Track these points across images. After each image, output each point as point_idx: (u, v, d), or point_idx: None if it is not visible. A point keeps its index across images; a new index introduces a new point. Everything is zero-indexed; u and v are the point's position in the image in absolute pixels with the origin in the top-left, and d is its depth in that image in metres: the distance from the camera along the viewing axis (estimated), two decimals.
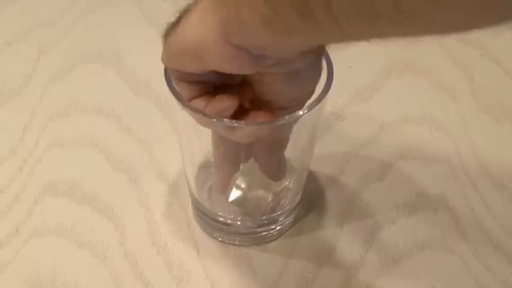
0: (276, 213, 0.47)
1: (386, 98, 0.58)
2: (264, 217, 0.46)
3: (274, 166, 0.45)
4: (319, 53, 0.39)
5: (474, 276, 0.46)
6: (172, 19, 0.38)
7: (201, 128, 0.41)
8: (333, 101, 0.54)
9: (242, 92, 0.40)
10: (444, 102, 0.58)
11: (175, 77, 0.40)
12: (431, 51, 0.61)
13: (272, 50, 0.35)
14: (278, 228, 0.48)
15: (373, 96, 0.58)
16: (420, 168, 0.53)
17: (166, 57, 0.39)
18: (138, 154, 0.53)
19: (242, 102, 0.40)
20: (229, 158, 0.44)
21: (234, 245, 0.47)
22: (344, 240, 0.48)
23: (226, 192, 0.47)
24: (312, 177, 0.51)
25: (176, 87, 0.40)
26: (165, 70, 0.40)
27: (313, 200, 0.50)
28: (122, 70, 0.59)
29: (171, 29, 0.38)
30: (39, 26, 0.63)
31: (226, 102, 0.39)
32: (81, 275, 0.46)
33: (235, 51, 0.35)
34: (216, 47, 0.35)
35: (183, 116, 0.41)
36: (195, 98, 0.40)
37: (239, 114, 0.39)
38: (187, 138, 0.45)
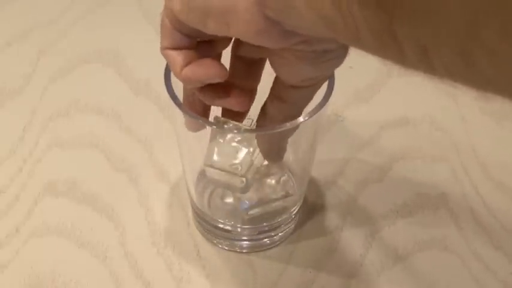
0: (277, 220, 0.46)
1: (386, 98, 0.58)
2: (265, 224, 0.46)
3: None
4: None
5: (474, 276, 0.46)
6: None
7: (201, 134, 0.40)
8: (333, 101, 0.54)
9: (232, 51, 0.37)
10: (444, 102, 0.58)
11: (169, 20, 0.34)
12: None
13: (310, 31, 0.31)
14: (280, 234, 0.47)
15: (373, 96, 0.58)
16: (420, 168, 0.53)
17: (183, 10, 0.33)
18: (138, 154, 0.53)
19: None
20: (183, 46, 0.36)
21: (235, 251, 0.47)
22: (344, 241, 0.48)
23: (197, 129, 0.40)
24: (312, 179, 0.51)
25: (162, 29, 0.35)
26: (165, 70, 0.40)
27: (313, 202, 0.50)
28: (122, 70, 0.59)
29: None
30: (39, 26, 0.63)
31: (215, 71, 0.35)
32: (81, 275, 0.46)
33: (267, 25, 0.31)
34: (246, 16, 0.31)
35: (183, 123, 0.40)
36: (175, 49, 0.35)
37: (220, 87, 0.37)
38: (187, 145, 0.45)
